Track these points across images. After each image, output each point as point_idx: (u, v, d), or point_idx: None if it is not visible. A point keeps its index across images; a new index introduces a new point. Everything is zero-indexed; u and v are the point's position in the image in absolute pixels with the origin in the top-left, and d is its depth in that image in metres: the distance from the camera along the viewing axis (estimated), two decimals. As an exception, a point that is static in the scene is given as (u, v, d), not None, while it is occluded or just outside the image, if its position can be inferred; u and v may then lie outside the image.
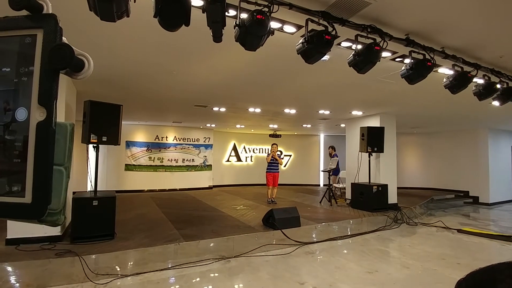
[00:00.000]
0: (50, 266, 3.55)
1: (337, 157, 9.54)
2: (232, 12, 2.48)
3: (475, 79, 3.79)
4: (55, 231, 4.30)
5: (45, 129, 0.61)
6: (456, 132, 11.34)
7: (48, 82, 0.62)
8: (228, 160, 13.25)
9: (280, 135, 13.10)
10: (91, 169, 5.01)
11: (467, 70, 3.64)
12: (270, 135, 13.01)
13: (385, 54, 3.46)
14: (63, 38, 0.64)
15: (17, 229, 4.09)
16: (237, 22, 2.42)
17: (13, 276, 3.42)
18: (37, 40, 0.63)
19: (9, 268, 3.46)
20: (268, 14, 2.37)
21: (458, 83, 3.64)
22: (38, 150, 0.60)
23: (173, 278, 3.79)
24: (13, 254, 3.76)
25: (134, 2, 2.16)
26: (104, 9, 1.99)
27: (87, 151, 4.92)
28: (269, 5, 2.38)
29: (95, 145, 4.64)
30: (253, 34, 2.40)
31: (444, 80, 3.77)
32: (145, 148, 10.97)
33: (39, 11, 0.64)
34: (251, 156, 13.81)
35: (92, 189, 4.87)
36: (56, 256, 3.72)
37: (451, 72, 3.72)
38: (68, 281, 3.49)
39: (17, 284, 3.35)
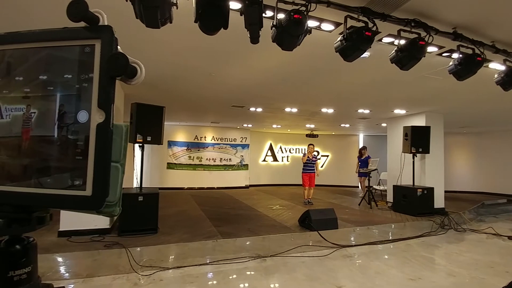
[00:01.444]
0: (99, 257, 3.80)
1: (369, 158, 9.14)
2: (269, 13, 2.49)
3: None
4: (104, 224, 4.60)
5: (104, 130, 0.67)
6: (509, 132, 10.31)
7: (107, 88, 0.69)
8: (264, 160, 13.30)
9: (317, 135, 12.87)
10: (137, 167, 5.30)
11: (524, 64, 3.30)
12: (307, 135, 12.84)
13: (430, 49, 3.26)
14: (118, 47, 0.70)
15: (69, 221, 4.38)
16: (274, 23, 2.43)
17: (63, 267, 3.68)
18: (95, 49, 0.70)
19: (60, 259, 3.73)
20: (305, 13, 2.35)
21: (510, 80, 3.32)
22: (98, 148, 0.67)
23: (211, 273, 3.90)
24: (65, 245, 4.06)
25: (177, 8, 2.27)
26: (149, 16, 2.12)
27: (133, 150, 5.20)
28: (307, 4, 2.36)
29: (140, 144, 4.89)
30: (290, 34, 2.39)
31: (496, 76, 3.45)
32: (185, 148, 11.35)
33: (95, 22, 0.71)
34: (288, 156, 13.72)
35: (137, 186, 5.14)
36: (105, 247, 3.98)
37: (502, 68, 3.40)
38: (115, 271, 3.71)
39: (67, 274, 3.57)
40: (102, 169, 0.67)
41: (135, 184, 5.76)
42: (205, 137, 11.70)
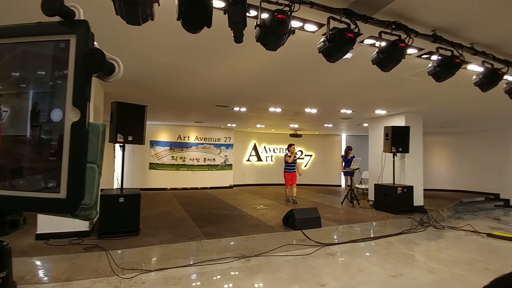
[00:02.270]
0: (78, 260, 3.70)
1: (354, 158, 9.35)
2: (253, 13, 2.49)
3: (506, 77, 3.59)
4: (84, 226, 4.48)
5: (79, 129, 0.65)
6: (486, 132, 10.78)
7: (82, 85, 0.66)
8: (248, 160, 13.30)
9: (301, 134, 12.98)
10: (118, 168, 5.18)
11: (498, 67, 3.45)
12: (290, 135, 12.92)
13: (410, 51, 3.36)
14: (95, 43, 0.68)
15: (46, 224, 4.23)
16: (258, 22, 2.43)
17: (42, 270, 3.57)
18: (70, 45, 0.67)
19: (38, 262, 3.61)
20: (289, 13, 2.36)
21: (488, 81, 3.46)
22: (73, 148, 0.64)
23: (195, 274, 3.86)
24: (42, 248, 3.93)
25: (158, 5, 2.22)
26: (130, 13, 2.06)
27: (114, 150, 5.08)
28: (290, 4, 2.37)
29: (121, 144, 4.78)
30: (274, 34, 2.40)
31: (474, 77, 3.59)
32: (168, 148, 11.21)
33: (71, 17, 0.68)
34: (272, 156, 13.78)
35: (118, 187, 5.03)
36: (84, 250, 3.87)
37: (481, 69, 3.54)
38: (95, 275, 3.62)
39: (46, 278, 3.48)
40: (77, 171, 0.64)
41: (116, 185, 5.61)
42: (188, 137, 11.59)
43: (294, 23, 2.71)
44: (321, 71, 4.38)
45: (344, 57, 2.79)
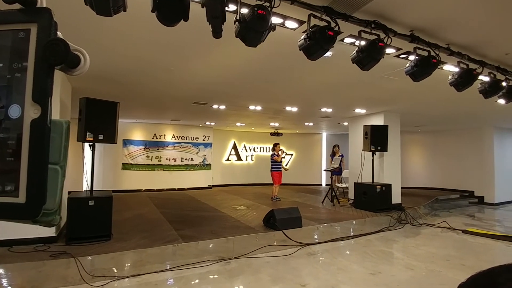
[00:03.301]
0: (45, 268, 3.54)
1: (342, 156, 9.58)
2: (232, 7, 2.47)
3: (480, 77, 3.78)
4: (50, 232, 4.30)
5: (39, 126, 0.60)
6: (462, 131, 11.33)
7: (43, 78, 0.61)
8: (228, 159, 13.26)
9: (282, 133, 13.10)
10: (87, 168, 5.01)
11: (473, 67, 3.63)
12: (271, 134, 13.02)
13: (389, 50, 3.46)
14: (58, 32, 0.64)
15: (9, 230, 4.06)
16: (238, 17, 2.41)
17: (6, 279, 3.40)
18: (31, 34, 0.63)
19: (1, 271, 3.44)
20: (269, 9, 2.36)
21: (463, 81, 3.63)
22: (33, 148, 0.60)
23: (172, 280, 3.79)
24: (5, 256, 3.74)
25: (131, -4, 2.15)
26: (100, 3, 1.98)
27: (83, 150, 4.92)
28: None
29: (91, 143, 4.64)
30: (253, 30, 2.39)
31: (450, 77, 3.76)
32: (143, 147, 10.96)
33: (32, 4, 0.64)
34: (252, 155, 13.80)
35: (88, 189, 4.87)
36: (50, 257, 3.71)
37: (456, 70, 3.71)
38: (63, 283, 3.48)
39: (9, 287, 3.33)
40: (38, 172, 0.60)
41: (85, 187, 5.42)
42: (164, 136, 11.39)
43: (275, 19, 2.72)
44: (301, 69, 4.42)
45: (324, 55, 2.83)
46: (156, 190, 10.96)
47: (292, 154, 14.14)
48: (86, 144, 4.69)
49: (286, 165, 10.48)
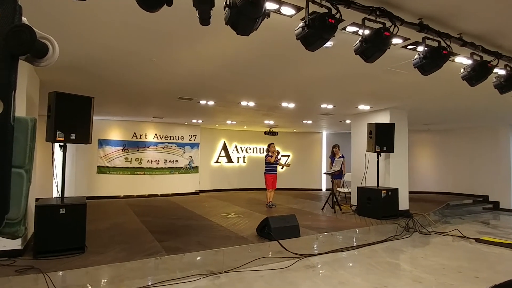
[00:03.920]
0: (10, 285, 3.49)
1: (343, 158, 9.62)
2: (221, -9, 2.46)
3: (496, 70, 3.83)
4: (15, 244, 4.23)
5: (1, 125, 0.59)
6: (475, 130, 11.48)
7: (5, 70, 0.60)
8: (217, 161, 13.23)
9: (277, 132, 13.13)
10: (57, 172, 4.95)
11: (487, 59, 3.68)
12: (265, 133, 13.03)
13: (395, 40, 3.49)
14: (22, 18, 0.62)
15: (-30, 242, 4.01)
16: (228, 2, 2.40)
17: (-35, 297, 3.35)
18: (-9, 20, 0.61)
19: (-40, 288, 3.39)
20: (263, -7, 2.36)
21: (477, 74, 3.68)
22: (-7, 150, 0.59)
23: (154, 297, 3.76)
24: (-35, 271, 3.68)
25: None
26: (72, -14, 1.96)
27: (53, 151, 4.86)
28: (264, -17, 2.37)
29: (61, 144, 4.58)
30: (245, 16, 2.38)
31: (462, 70, 3.81)
32: (121, 148, 10.88)
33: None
34: (244, 157, 13.80)
35: (58, 195, 4.82)
36: (16, 273, 3.67)
37: (469, 62, 3.76)
38: (30, 302, 3.43)
39: None
40: (0, 178, 0.58)
41: (56, 193, 5.35)
42: (146, 135, 11.32)
43: (269, 5, 2.72)
44: (299, 60, 4.43)
45: (324, 45, 2.84)
46: (136, 196, 10.89)
47: (288, 156, 14.16)
48: (56, 145, 4.64)
49: (286, 163, 10.49)
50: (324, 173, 11.98)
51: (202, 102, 7.51)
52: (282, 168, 13.49)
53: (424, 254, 5.51)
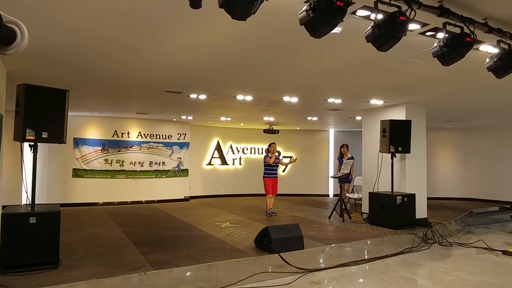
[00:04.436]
0: (-27, 305, 3.49)
1: (352, 159, 9.60)
2: (214, -31, 2.46)
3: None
4: (-21, 258, 4.21)
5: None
6: (502, 128, 11.52)
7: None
8: (210, 163, 13.24)
9: (278, 130, 13.12)
10: (27, 176, 4.93)
11: (517, 47, 3.69)
12: (264, 131, 13.01)
13: (412, 26, 3.48)
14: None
15: None
16: (222, -18, 2.40)
17: None
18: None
19: None
20: (262, -28, 2.36)
21: (504, 64, 3.68)
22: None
23: (137, 318, 3.76)
24: None
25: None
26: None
27: (22, 151, 4.84)
28: (263, -40, 2.37)
29: (32, 143, 4.56)
30: (242, -2, 2.38)
31: (487, 60, 3.81)
32: (100, 148, 10.88)
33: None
34: (240, 158, 13.82)
35: (28, 202, 4.80)
36: (-20, 291, 3.66)
37: (495, 51, 3.76)
38: (-4, 324, 3.43)
39: None
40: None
41: (25, 200, 5.33)
42: (128, 133, 11.33)
43: (269, -15, 2.71)
44: (303, 49, 4.43)
45: (332, 31, 2.84)
46: (117, 203, 10.90)
47: (291, 157, 14.16)
48: (26, 145, 4.60)
49: (290, 160, 10.42)
50: (331, 177, 11.98)
51: (193, 95, 7.51)
52: (284, 170, 13.59)
53: (444, 268, 5.52)
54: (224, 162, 13.53)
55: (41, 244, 4.39)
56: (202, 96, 7.60)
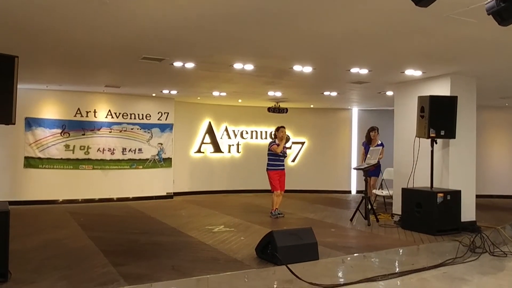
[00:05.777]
0: None
1: (382, 146, 9.55)
2: None
3: None
4: None
5: None
6: None
7: None
8: (199, 151, 13.27)
9: (286, 109, 13.04)
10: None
11: None
12: (269, 109, 12.91)
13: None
14: None
15: None
16: None
17: None
18: None
19: None
20: None
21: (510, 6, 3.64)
22: None
23: None
24: None
25: None
26: None
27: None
28: None
29: (-27, 125, 4.57)
30: None
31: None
32: (59, 131, 10.90)
33: None
34: (238, 144, 13.82)
35: (-31, 200, 4.84)
36: None
37: None
38: None
39: None
40: None
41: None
42: (95, 112, 11.35)
43: None
44: (320, 3, 4.38)
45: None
46: (81, 201, 10.98)
47: (303, 143, 14.15)
48: (-35, 126, 4.62)
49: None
50: (354, 168, 11.96)
51: (177, 64, 7.47)
52: (294, 160, 13.58)
53: (497, 285, 5.56)
54: (217, 149, 13.53)
55: (-15, 252, 4.44)
56: (190, 65, 7.57)
